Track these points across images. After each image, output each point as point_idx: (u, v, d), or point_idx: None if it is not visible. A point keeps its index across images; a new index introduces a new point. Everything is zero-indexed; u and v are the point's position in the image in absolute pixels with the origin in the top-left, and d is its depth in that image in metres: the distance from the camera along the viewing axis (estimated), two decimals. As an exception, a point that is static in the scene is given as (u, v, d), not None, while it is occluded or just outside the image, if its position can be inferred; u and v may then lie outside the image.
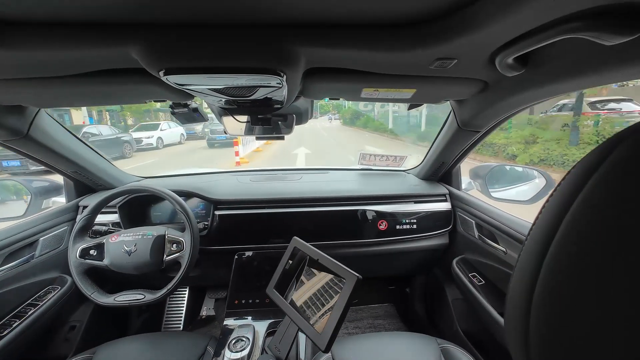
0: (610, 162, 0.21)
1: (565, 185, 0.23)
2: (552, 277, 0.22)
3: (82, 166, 1.22)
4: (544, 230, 0.24)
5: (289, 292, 0.92)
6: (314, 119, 37.67)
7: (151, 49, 0.52)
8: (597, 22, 0.40)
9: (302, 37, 0.54)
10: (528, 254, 0.25)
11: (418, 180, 1.55)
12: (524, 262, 0.25)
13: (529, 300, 0.24)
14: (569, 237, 0.22)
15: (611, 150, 0.21)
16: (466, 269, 1.25)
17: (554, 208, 0.24)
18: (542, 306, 0.23)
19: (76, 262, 1.05)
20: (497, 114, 0.91)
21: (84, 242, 1.08)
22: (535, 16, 0.43)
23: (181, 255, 1.08)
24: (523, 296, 0.24)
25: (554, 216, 0.23)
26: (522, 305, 0.24)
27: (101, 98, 0.83)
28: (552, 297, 0.22)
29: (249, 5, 0.45)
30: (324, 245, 1.33)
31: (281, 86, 0.64)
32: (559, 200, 0.23)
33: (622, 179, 0.20)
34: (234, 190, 1.38)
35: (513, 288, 0.26)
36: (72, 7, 0.45)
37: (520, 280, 0.25)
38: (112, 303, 1.01)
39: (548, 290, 0.22)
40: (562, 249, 0.22)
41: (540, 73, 0.62)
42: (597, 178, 0.21)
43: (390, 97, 0.83)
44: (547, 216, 0.24)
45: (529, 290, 0.24)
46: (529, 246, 0.25)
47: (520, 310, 0.25)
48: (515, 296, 0.25)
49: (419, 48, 0.55)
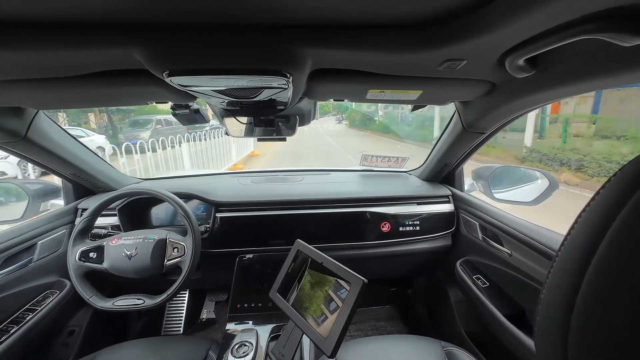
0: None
1: (607, 196, 0.22)
2: (595, 295, 0.21)
3: (81, 168, 1.21)
4: (582, 248, 0.22)
5: (292, 295, 0.91)
6: (314, 119, 37.80)
7: (155, 50, 0.51)
8: (614, 23, 0.39)
9: (310, 39, 0.52)
10: (563, 270, 0.24)
11: (420, 181, 1.54)
12: (558, 281, 0.24)
13: (567, 321, 0.22)
14: (611, 256, 0.21)
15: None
16: (470, 271, 1.24)
17: (594, 221, 0.22)
18: (582, 327, 0.22)
19: (75, 264, 1.03)
20: (502, 116, 0.90)
21: (84, 244, 1.07)
22: (549, 18, 0.42)
23: (182, 260, 1.06)
24: (560, 316, 0.23)
25: (595, 232, 0.22)
26: (560, 325, 0.23)
27: (102, 100, 0.82)
28: (595, 318, 0.21)
29: (256, 7, 0.44)
30: (327, 247, 1.31)
31: (286, 87, 0.63)
32: (600, 213, 0.22)
33: None
34: (235, 192, 1.37)
35: (546, 307, 0.25)
36: (75, 8, 0.44)
37: (554, 300, 0.24)
38: (111, 308, 1.00)
39: (590, 310, 0.21)
40: (605, 266, 0.21)
41: (550, 75, 0.61)
42: (635, 200, 0.20)
43: (396, 98, 0.82)
44: (585, 230, 0.23)
45: (567, 310, 0.23)
46: (563, 264, 0.24)
47: (557, 330, 0.23)
48: (550, 315, 0.24)
49: (428, 49, 0.54)
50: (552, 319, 0.24)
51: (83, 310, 1.31)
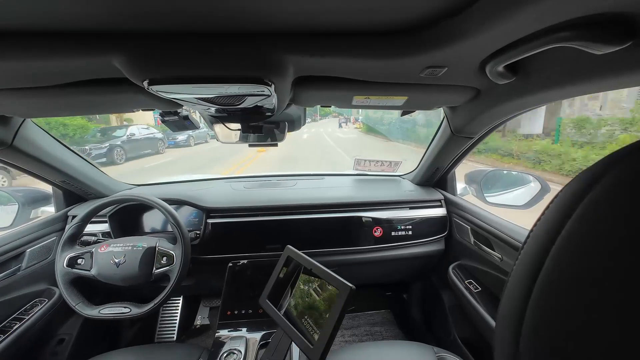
0: (605, 183, 0.21)
1: (564, 199, 0.24)
2: (548, 288, 0.23)
3: (71, 175, 1.20)
4: (540, 242, 0.24)
5: (283, 302, 0.90)
6: (314, 122, 34.62)
7: (134, 59, 0.51)
8: (587, 32, 0.39)
9: (290, 46, 0.53)
10: (524, 265, 0.25)
11: (413, 185, 1.54)
12: (519, 272, 0.25)
13: (523, 310, 0.24)
14: (566, 250, 0.22)
15: (606, 171, 0.21)
16: (462, 276, 1.24)
17: (551, 221, 0.24)
18: (536, 316, 0.23)
19: (63, 270, 1.02)
20: (490, 121, 0.91)
21: (73, 250, 1.06)
22: (525, 25, 0.42)
23: (171, 269, 1.05)
24: (517, 305, 0.24)
25: (551, 229, 0.23)
26: (516, 314, 0.24)
27: (87, 108, 0.82)
28: (547, 307, 0.22)
29: (234, 14, 0.44)
30: (320, 252, 1.31)
31: (270, 95, 0.63)
32: (555, 214, 0.24)
33: (616, 199, 0.20)
34: (227, 198, 1.37)
35: (507, 296, 0.26)
36: (52, 18, 0.44)
37: (514, 289, 0.26)
38: (97, 315, 0.99)
39: (543, 300, 0.23)
40: (559, 261, 0.22)
41: (531, 81, 0.62)
42: (593, 195, 0.21)
43: (382, 104, 0.82)
44: (544, 228, 0.24)
45: (523, 299, 0.24)
46: (525, 257, 0.25)
47: (513, 318, 0.25)
48: (509, 304, 0.26)
49: (409, 56, 0.54)
50: (510, 310, 0.25)
51: (73, 318, 1.30)
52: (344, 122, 26.08)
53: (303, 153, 10.68)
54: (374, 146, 13.50)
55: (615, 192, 0.21)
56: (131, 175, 3.97)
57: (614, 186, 0.21)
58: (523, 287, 0.25)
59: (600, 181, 0.21)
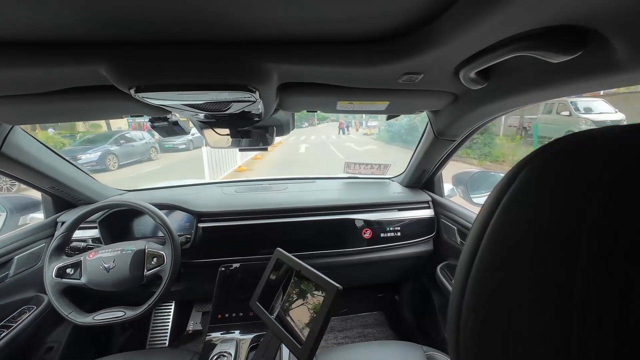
0: (518, 181, 0.24)
1: (492, 195, 0.26)
2: (479, 274, 0.25)
3: (60, 181, 1.20)
4: (475, 235, 0.27)
5: (275, 304, 0.92)
6: (312, 126, 32.89)
7: (120, 66, 0.53)
8: (543, 42, 0.42)
9: (273, 55, 0.55)
10: (464, 255, 0.28)
11: (402, 187, 1.57)
12: (461, 262, 0.28)
13: (461, 297, 0.27)
14: (491, 240, 0.25)
15: (519, 171, 0.24)
16: (450, 275, 1.26)
17: (481, 217, 0.27)
18: (470, 300, 0.26)
19: (52, 281, 1.02)
20: (469, 124, 0.94)
21: (60, 260, 1.05)
22: (489, 35, 0.45)
23: (162, 269, 1.06)
24: (458, 292, 0.27)
25: (482, 223, 0.26)
26: (457, 299, 0.27)
27: (76, 115, 0.83)
28: (478, 294, 0.25)
29: (217, 24, 0.46)
30: (310, 255, 1.32)
31: (255, 101, 0.65)
32: (486, 210, 0.26)
33: (522, 195, 0.24)
34: (218, 202, 1.38)
35: (453, 286, 0.29)
36: (38, 27, 0.45)
37: (457, 278, 0.28)
38: (91, 322, 0.98)
39: (475, 286, 0.25)
40: (486, 249, 0.25)
41: (502, 86, 0.65)
42: (511, 191, 0.25)
43: (365, 109, 0.85)
44: (476, 224, 0.27)
45: (462, 286, 0.27)
46: (465, 248, 0.28)
47: (455, 304, 0.27)
48: (454, 293, 0.28)
49: (387, 63, 0.57)
50: (452, 305, 0.28)
51: (63, 325, 1.29)
52: (346, 128, 22.79)
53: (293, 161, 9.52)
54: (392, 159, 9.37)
55: (521, 190, 0.24)
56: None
57: (521, 184, 0.24)
58: (459, 283, 0.27)
59: (516, 179, 0.24)
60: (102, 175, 7.86)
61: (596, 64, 0.45)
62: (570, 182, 0.20)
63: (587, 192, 0.19)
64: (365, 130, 21.31)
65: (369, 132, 19.90)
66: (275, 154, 10.60)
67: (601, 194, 0.18)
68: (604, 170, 0.19)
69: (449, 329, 0.28)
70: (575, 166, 0.20)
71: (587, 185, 0.19)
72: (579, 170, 0.20)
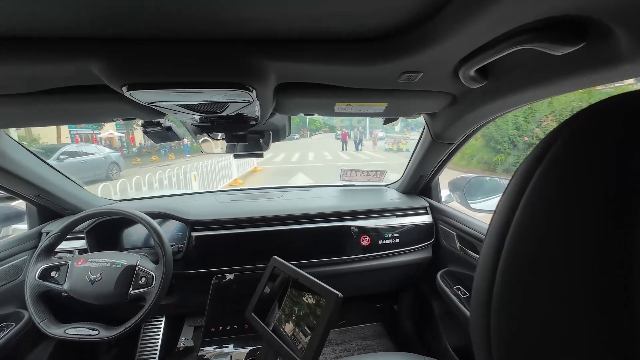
0: (547, 160, 0.22)
1: (513, 184, 0.24)
2: (507, 274, 0.22)
3: (46, 190, 1.15)
4: (497, 231, 0.24)
5: (271, 315, 0.88)
6: (303, 137, 30.55)
7: (113, 63, 0.51)
8: (544, 34, 0.42)
9: (270, 52, 0.54)
10: (485, 255, 0.25)
11: (399, 194, 1.56)
12: (482, 263, 0.25)
13: (489, 300, 0.24)
14: (519, 234, 0.22)
15: (551, 144, 0.22)
16: (450, 282, 1.24)
17: (504, 208, 0.24)
18: (500, 303, 0.23)
19: (33, 283, 0.97)
20: (467, 126, 0.94)
21: (48, 261, 1.01)
22: (488, 29, 0.45)
23: (148, 292, 1.00)
24: (483, 294, 0.24)
25: (505, 215, 0.23)
26: (483, 303, 0.24)
27: (65, 117, 0.80)
28: (509, 294, 0.22)
29: (213, 20, 0.45)
30: (308, 264, 1.29)
31: (252, 101, 0.63)
32: (508, 200, 0.24)
33: (559, 168, 0.21)
34: (212, 210, 1.34)
35: (475, 289, 0.26)
36: (27, 22, 0.43)
37: (480, 280, 0.25)
38: (61, 335, 0.93)
39: (504, 287, 0.23)
40: (514, 246, 0.22)
41: (501, 85, 0.65)
42: (537, 175, 0.22)
43: (364, 111, 0.84)
44: (498, 217, 0.24)
45: (488, 288, 0.24)
46: (486, 247, 0.25)
47: (481, 308, 0.24)
48: (477, 295, 0.25)
49: (386, 62, 0.56)
50: (478, 305, 0.25)
51: (44, 343, 1.21)
52: (359, 141, 16.52)
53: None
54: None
55: (554, 166, 0.21)
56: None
57: (553, 160, 0.21)
58: (486, 278, 0.25)
59: (544, 157, 0.22)
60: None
61: (598, 56, 0.45)
62: (621, 143, 0.18)
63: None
64: (389, 144, 14.01)
65: (403, 145, 12.67)
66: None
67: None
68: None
69: (477, 335, 0.25)
70: (627, 125, 0.18)
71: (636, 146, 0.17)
72: (628, 129, 0.18)
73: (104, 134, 17.99)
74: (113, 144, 19.32)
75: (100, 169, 8.12)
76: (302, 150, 16.85)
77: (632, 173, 0.17)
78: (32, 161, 1.08)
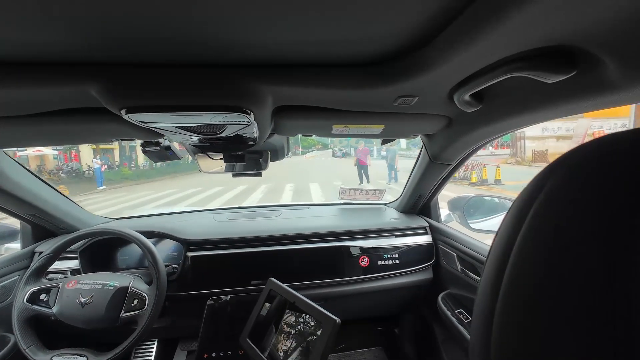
0: (545, 192, 0.22)
1: (514, 212, 0.24)
2: (509, 300, 0.22)
3: (42, 208, 1.14)
4: (498, 256, 0.24)
5: (267, 339, 0.84)
6: (296, 155, 27.82)
7: (111, 87, 0.52)
8: (536, 63, 0.43)
9: (267, 77, 0.55)
10: (486, 280, 0.25)
11: (398, 213, 1.55)
12: (485, 286, 0.25)
13: (489, 326, 0.23)
14: (519, 261, 0.22)
15: (546, 181, 0.22)
16: (452, 305, 1.20)
17: (504, 237, 0.24)
18: (501, 330, 0.23)
19: (21, 307, 0.93)
20: (464, 147, 0.95)
21: (37, 284, 0.98)
22: (481, 57, 0.46)
23: (140, 314, 0.97)
24: (483, 321, 0.24)
25: (506, 243, 0.23)
26: (484, 329, 0.24)
27: (64, 138, 0.80)
28: (510, 321, 0.22)
29: (210, 45, 0.46)
30: (306, 285, 1.26)
31: (249, 124, 0.64)
32: (509, 226, 0.24)
33: (555, 205, 0.21)
34: (209, 230, 1.32)
35: (475, 314, 0.25)
36: (28, 47, 0.44)
37: (480, 306, 0.25)
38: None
39: (506, 307, 0.22)
40: (515, 272, 0.22)
41: (496, 109, 0.66)
42: (536, 205, 0.22)
43: (361, 132, 0.85)
44: (500, 241, 0.24)
45: (489, 316, 0.23)
46: (487, 270, 0.25)
47: (482, 331, 0.24)
48: (477, 322, 0.25)
49: (382, 86, 0.57)
50: (479, 325, 0.25)
51: None
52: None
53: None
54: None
55: (551, 199, 0.22)
56: None
57: (551, 192, 0.22)
58: (488, 303, 0.24)
59: (543, 189, 0.22)
60: None
61: (589, 84, 0.46)
62: (618, 181, 0.18)
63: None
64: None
65: (477, 173, 9.56)
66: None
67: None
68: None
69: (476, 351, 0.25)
70: (624, 164, 0.19)
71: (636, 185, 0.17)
72: (632, 167, 0.18)
73: (30, 150, 13.35)
74: (46, 163, 15.63)
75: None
76: (298, 175, 12.45)
77: (628, 212, 0.17)
78: (28, 179, 1.07)
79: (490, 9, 0.34)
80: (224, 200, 8.35)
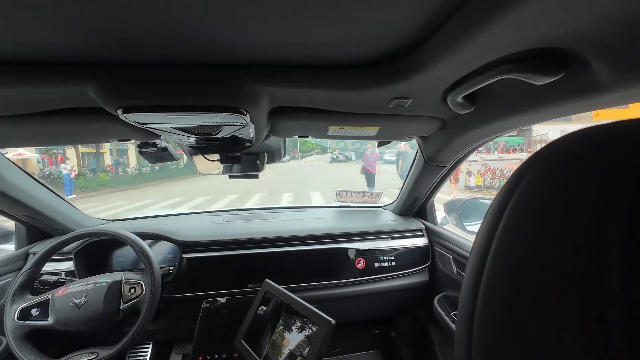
0: (522, 186, 0.23)
1: (493, 209, 0.24)
2: (487, 296, 0.23)
3: (36, 209, 1.13)
4: (478, 254, 0.24)
5: (262, 343, 0.84)
6: (294, 159, 27.29)
7: (108, 87, 0.52)
8: (526, 65, 0.44)
9: (264, 78, 0.55)
10: (468, 276, 0.25)
11: (394, 215, 1.56)
12: (467, 284, 0.25)
13: (470, 322, 0.24)
14: (498, 257, 0.23)
15: (523, 175, 0.23)
16: (448, 307, 1.20)
17: (484, 233, 0.25)
18: (480, 323, 0.23)
19: (13, 325, 0.90)
20: (458, 149, 0.96)
21: (24, 301, 0.94)
22: (473, 59, 0.47)
23: (141, 300, 0.96)
24: (466, 314, 0.24)
25: (485, 240, 0.24)
26: (467, 321, 0.24)
27: (60, 137, 0.80)
28: (489, 313, 0.23)
29: (207, 46, 0.47)
30: (302, 287, 1.25)
31: (245, 124, 0.65)
32: (488, 224, 0.24)
33: (530, 201, 0.22)
34: (205, 232, 1.32)
35: (459, 309, 0.26)
36: (24, 46, 0.45)
37: (463, 300, 0.26)
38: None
39: (485, 305, 0.23)
40: (493, 269, 0.23)
41: (488, 111, 0.67)
42: (513, 201, 0.23)
43: (357, 134, 0.86)
44: (479, 241, 0.25)
45: (470, 310, 0.24)
46: (469, 265, 0.26)
47: (465, 326, 0.25)
48: (461, 313, 0.26)
49: (376, 88, 0.58)
50: (462, 318, 0.25)
51: None
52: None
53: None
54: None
55: (528, 192, 0.22)
56: None
57: (528, 186, 0.22)
58: (469, 300, 0.25)
59: (520, 183, 0.23)
60: None
61: (578, 85, 0.47)
62: (590, 176, 0.19)
63: (613, 185, 0.17)
64: (477, 176, 9.13)
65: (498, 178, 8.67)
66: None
67: (630, 185, 0.17)
68: (633, 160, 0.18)
69: (460, 347, 0.25)
70: (594, 158, 0.19)
71: (613, 178, 0.18)
72: (601, 162, 0.19)
73: (11, 154, 11.03)
74: (28, 167, 13.42)
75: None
76: (297, 182, 11.91)
77: (600, 204, 0.17)
78: (23, 181, 1.07)
79: (483, 11, 0.35)
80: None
